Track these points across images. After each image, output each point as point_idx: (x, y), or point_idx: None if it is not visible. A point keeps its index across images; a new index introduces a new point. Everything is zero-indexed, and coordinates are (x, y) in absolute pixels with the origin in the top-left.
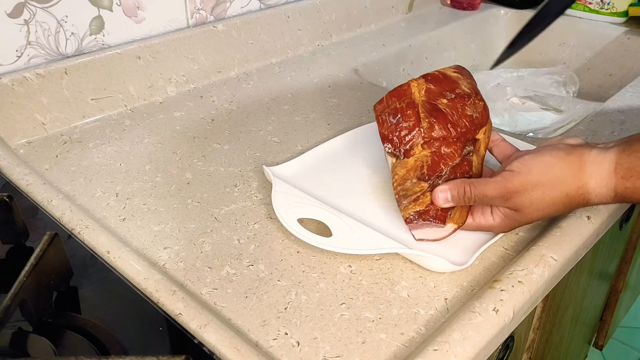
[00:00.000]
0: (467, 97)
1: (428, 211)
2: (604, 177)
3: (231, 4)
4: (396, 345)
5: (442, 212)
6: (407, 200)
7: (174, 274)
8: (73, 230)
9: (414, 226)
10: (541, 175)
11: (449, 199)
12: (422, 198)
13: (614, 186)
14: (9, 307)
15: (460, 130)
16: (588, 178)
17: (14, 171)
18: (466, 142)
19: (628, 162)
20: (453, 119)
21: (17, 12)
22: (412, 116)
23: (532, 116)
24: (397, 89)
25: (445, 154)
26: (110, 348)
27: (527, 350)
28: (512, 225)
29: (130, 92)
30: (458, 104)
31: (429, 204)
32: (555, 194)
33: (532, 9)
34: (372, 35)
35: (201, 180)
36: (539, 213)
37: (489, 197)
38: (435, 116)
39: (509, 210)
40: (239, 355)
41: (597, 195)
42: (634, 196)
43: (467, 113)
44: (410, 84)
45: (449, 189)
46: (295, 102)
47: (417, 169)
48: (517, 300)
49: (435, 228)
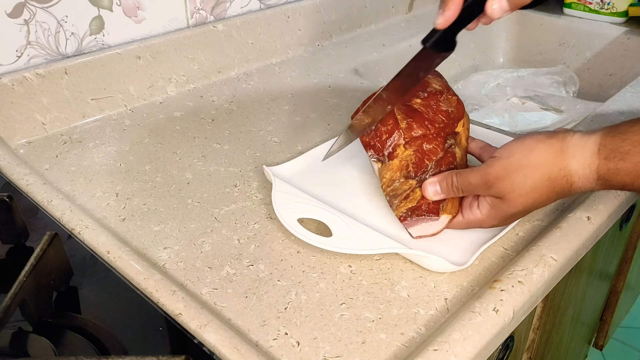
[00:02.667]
0: (439, 93)
1: (420, 206)
2: (587, 157)
3: (231, 4)
4: (396, 345)
5: (434, 205)
6: (398, 200)
7: (174, 274)
8: (73, 230)
9: (409, 223)
10: (522, 157)
11: (439, 190)
12: (412, 195)
13: (596, 167)
14: (9, 307)
15: (438, 125)
16: (570, 159)
17: (14, 171)
18: (446, 136)
19: (612, 143)
20: (429, 116)
21: (17, 12)
22: (390, 119)
23: (532, 116)
24: (370, 97)
25: (428, 150)
26: (110, 348)
27: (527, 350)
28: (499, 216)
29: (130, 92)
30: (432, 102)
31: (420, 199)
32: (537, 176)
33: (532, 9)
34: (372, 35)
35: (201, 180)
36: (522, 199)
37: (473, 185)
38: (411, 116)
39: (494, 199)
40: (239, 355)
41: (581, 177)
42: (616, 178)
43: (442, 108)
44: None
45: (437, 181)
46: (295, 102)
47: (403, 169)
48: (517, 300)
49: (430, 222)
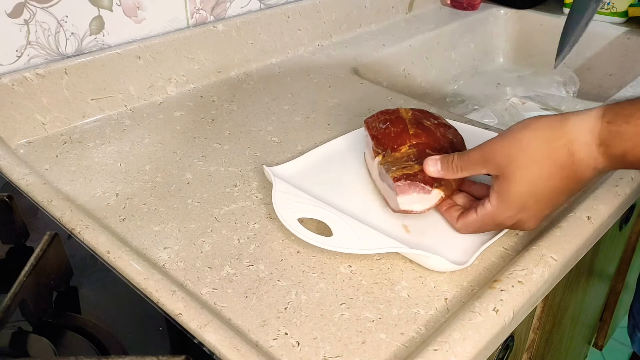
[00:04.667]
0: (448, 127)
1: (416, 174)
2: (589, 123)
3: (231, 4)
4: (396, 345)
5: (430, 178)
6: (396, 167)
7: (174, 274)
8: (73, 230)
9: (401, 188)
10: (519, 131)
11: (439, 168)
12: (410, 167)
13: (598, 132)
14: (9, 307)
15: (442, 143)
16: (571, 127)
17: (14, 171)
18: None
19: (617, 108)
20: (436, 136)
21: (17, 12)
22: (400, 124)
23: (532, 116)
24: (387, 109)
25: (430, 155)
26: (110, 348)
27: (527, 350)
28: (507, 201)
29: (130, 92)
30: (440, 128)
31: (417, 170)
32: (534, 146)
33: (532, 9)
34: (372, 35)
35: (201, 180)
36: (521, 171)
37: (472, 161)
38: (421, 128)
39: (496, 181)
40: (239, 355)
41: (582, 145)
42: (618, 142)
43: (449, 137)
44: (399, 108)
45: (438, 158)
46: (295, 102)
47: (405, 157)
48: (517, 300)
49: (422, 194)
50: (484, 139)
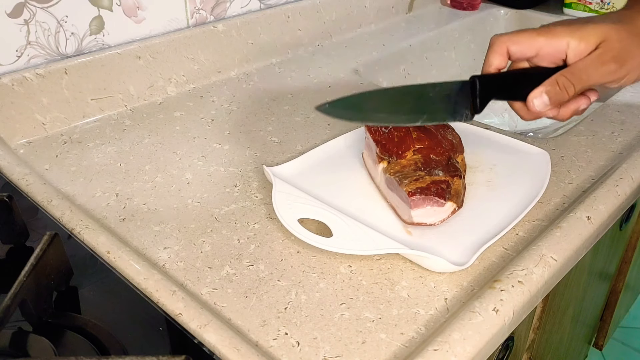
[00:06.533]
0: (447, 127)
1: (429, 188)
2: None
3: (231, 4)
4: (396, 345)
5: (441, 191)
6: (408, 180)
7: (174, 274)
8: (73, 230)
9: (416, 202)
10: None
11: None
12: (422, 179)
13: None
14: (9, 307)
15: (444, 146)
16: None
17: (14, 171)
18: (449, 158)
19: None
20: (438, 138)
21: (17, 12)
22: (402, 129)
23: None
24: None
25: (434, 161)
26: (110, 348)
27: (527, 350)
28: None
29: (130, 92)
30: (440, 129)
31: (429, 182)
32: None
33: (532, 9)
34: (372, 35)
35: (201, 180)
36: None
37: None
38: (423, 131)
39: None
40: (239, 355)
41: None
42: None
43: (448, 137)
44: None
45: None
46: (295, 102)
47: (412, 164)
48: (517, 300)
49: (435, 207)
50: (483, 139)
